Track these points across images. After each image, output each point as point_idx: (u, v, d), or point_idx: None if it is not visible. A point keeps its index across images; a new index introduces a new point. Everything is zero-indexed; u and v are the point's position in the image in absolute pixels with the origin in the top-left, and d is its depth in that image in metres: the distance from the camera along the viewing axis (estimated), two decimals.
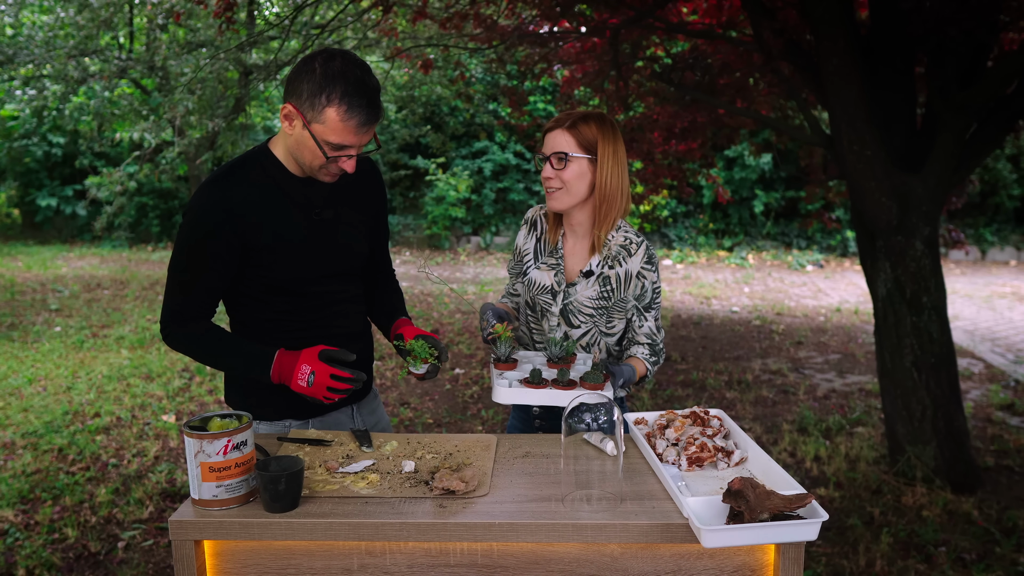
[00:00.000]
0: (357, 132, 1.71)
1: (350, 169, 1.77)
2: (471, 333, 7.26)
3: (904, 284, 3.83)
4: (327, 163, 1.76)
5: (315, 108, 1.69)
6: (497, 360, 2.03)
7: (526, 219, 2.29)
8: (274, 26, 5.90)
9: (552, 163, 2.07)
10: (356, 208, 1.98)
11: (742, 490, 1.41)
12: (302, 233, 1.86)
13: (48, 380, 5.74)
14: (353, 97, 1.68)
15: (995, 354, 6.71)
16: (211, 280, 1.84)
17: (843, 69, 3.60)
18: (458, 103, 12.24)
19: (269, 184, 1.84)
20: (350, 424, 2.08)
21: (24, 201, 13.86)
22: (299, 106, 1.71)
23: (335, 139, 1.71)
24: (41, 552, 3.30)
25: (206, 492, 1.52)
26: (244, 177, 1.83)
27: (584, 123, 2.06)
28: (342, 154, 1.75)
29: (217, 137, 8.73)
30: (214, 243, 1.78)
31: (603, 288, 2.11)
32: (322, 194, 1.90)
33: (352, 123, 1.69)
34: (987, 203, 12.40)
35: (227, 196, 1.79)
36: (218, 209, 1.78)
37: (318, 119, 1.70)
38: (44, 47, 8.05)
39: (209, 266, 1.81)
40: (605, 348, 2.18)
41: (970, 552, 3.29)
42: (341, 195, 1.93)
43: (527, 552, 1.51)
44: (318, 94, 1.68)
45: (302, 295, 1.92)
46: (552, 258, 2.18)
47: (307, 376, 1.78)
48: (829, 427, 4.76)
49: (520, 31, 5.20)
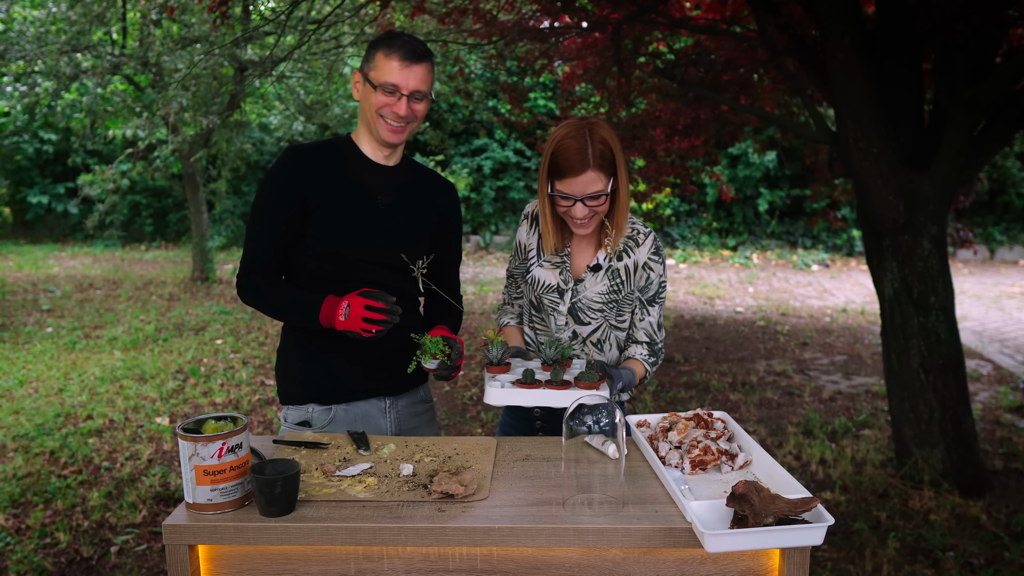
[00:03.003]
0: (400, 68, 1.90)
1: (402, 111, 1.92)
2: (470, 334, 7.22)
3: (911, 284, 3.80)
4: (382, 106, 1.92)
5: (369, 60, 1.94)
6: (490, 364, 1.97)
7: (526, 214, 2.20)
8: (270, 21, 5.85)
9: (585, 203, 1.94)
10: (420, 209, 2.06)
11: (746, 494, 1.39)
12: (357, 210, 1.97)
13: (39, 382, 5.69)
14: (394, 39, 1.92)
15: (1004, 355, 6.67)
16: (278, 233, 1.96)
17: (849, 65, 3.57)
18: (457, 100, 12.19)
19: (342, 160, 2.01)
20: (380, 419, 2.07)
21: (15, 199, 13.81)
22: (361, 69, 1.97)
23: (383, 78, 1.90)
24: (32, 557, 3.26)
25: (200, 496, 1.51)
26: (322, 150, 2.02)
27: (602, 144, 1.92)
28: (393, 97, 1.91)
29: (212, 134, 8.67)
30: (283, 199, 1.94)
31: (613, 281, 2.07)
32: (389, 183, 2.02)
33: (395, 58, 1.89)
34: (996, 201, 12.36)
35: (303, 159, 1.97)
36: (292, 168, 1.95)
37: (370, 68, 1.93)
38: (36, 42, 7.99)
39: (278, 219, 1.95)
40: (615, 343, 2.12)
41: (978, 557, 3.25)
42: (408, 192, 2.04)
43: (527, 557, 1.50)
44: (372, 49, 1.95)
45: (347, 273, 1.97)
46: (557, 256, 2.12)
47: (344, 310, 1.84)
48: (835, 430, 4.73)
49: (520, 26, 5.16)
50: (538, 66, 6.34)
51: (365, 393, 2.05)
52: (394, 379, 2.06)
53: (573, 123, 1.95)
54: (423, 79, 1.94)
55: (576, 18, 5.08)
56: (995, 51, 3.99)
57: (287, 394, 2.06)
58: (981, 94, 3.54)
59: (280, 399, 2.09)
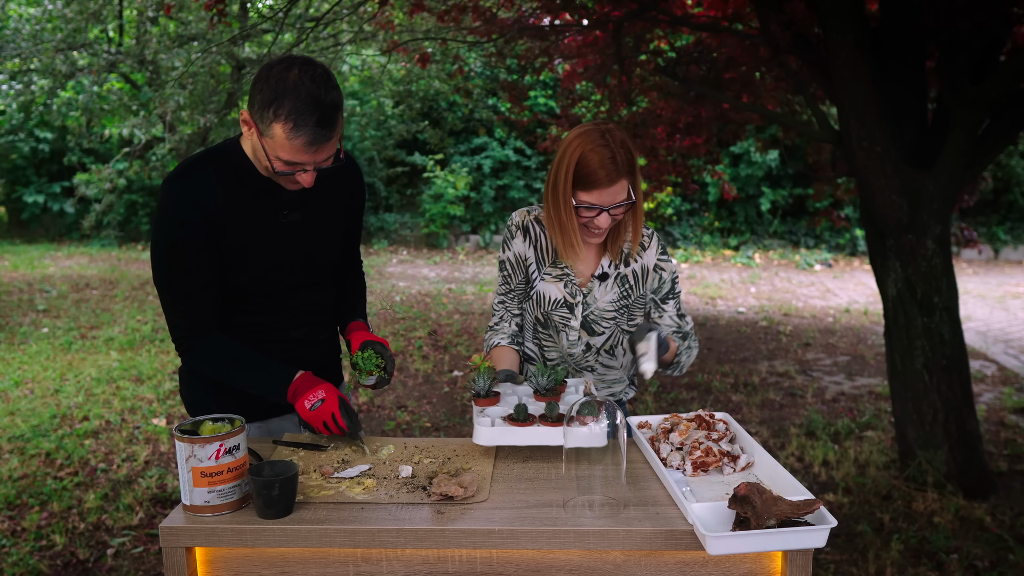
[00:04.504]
0: (306, 151, 1.62)
1: (307, 183, 1.69)
2: (470, 334, 7.19)
3: (915, 284, 3.78)
4: (279, 176, 1.69)
5: (264, 121, 1.61)
6: (476, 396, 1.82)
7: (517, 225, 2.06)
8: (267, 19, 5.83)
9: (611, 212, 1.87)
10: (328, 210, 1.88)
11: (748, 496, 1.39)
12: (267, 236, 1.79)
13: (35, 383, 5.65)
14: (301, 115, 1.58)
15: (1008, 356, 6.64)
16: (202, 281, 1.74)
17: (852, 63, 3.56)
18: (457, 98, 12.15)
19: (235, 182, 1.76)
20: (295, 431, 2.01)
21: (10, 198, 13.74)
22: (252, 115, 1.65)
23: (285, 156, 1.63)
24: (28, 560, 3.23)
25: (198, 498, 1.50)
26: (210, 173, 1.75)
27: (623, 149, 1.84)
28: (294, 170, 1.67)
29: (209, 133, 8.65)
30: (192, 240, 1.70)
31: (623, 288, 2.02)
32: (291, 195, 1.80)
33: (299, 142, 1.61)
34: (1000, 201, 12.30)
35: (195, 191, 1.71)
36: (188, 205, 1.70)
37: (267, 133, 1.62)
38: (31, 40, 7.97)
39: (196, 266, 1.72)
40: (628, 345, 2.09)
41: (983, 559, 3.23)
42: (312, 196, 1.82)
43: (527, 559, 1.49)
44: (267, 107, 1.60)
45: (261, 299, 1.84)
46: (556, 268, 2.04)
47: (317, 400, 1.74)
48: (838, 431, 4.70)
49: (520, 24, 5.15)
50: (538, 64, 6.32)
51: (280, 410, 1.95)
52: None
53: (592, 131, 1.86)
54: (333, 145, 1.67)
55: (577, 16, 5.05)
56: (999, 49, 3.98)
57: (197, 406, 1.88)
58: (985, 92, 3.52)
59: (188, 410, 1.92)
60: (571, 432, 1.52)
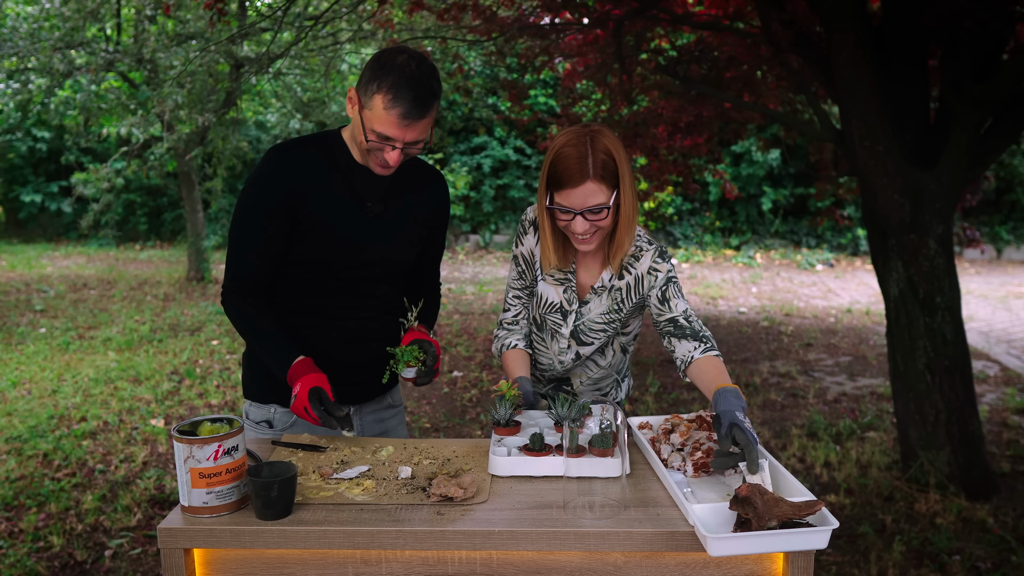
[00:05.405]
0: (399, 124, 1.73)
1: (392, 161, 1.79)
2: (469, 335, 7.17)
3: (917, 284, 3.77)
4: (373, 147, 1.79)
5: (367, 93, 1.74)
6: (496, 424, 1.79)
7: (531, 221, 2.02)
8: (266, 17, 5.80)
9: (586, 216, 1.81)
10: (409, 213, 1.96)
11: (750, 497, 1.39)
12: (346, 219, 1.87)
13: (33, 383, 5.65)
14: (401, 89, 1.71)
15: (1011, 356, 6.64)
16: (265, 247, 1.86)
17: (854, 62, 3.54)
18: (456, 97, 12.12)
19: (330, 164, 1.88)
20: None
21: (8, 198, 13.74)
22: (358, 90, 1.78)
23: (379, 127, 1.75)
24: (25, 561, 3.22)
25: (196, 499, 1.50)
26: (311, 152, 1.88)
27: (604, 154, 1.78)
28: (384, 146, 1.77)
29: (207, 132, 8.61)
30: (272, 206, 1.83)
31: (614, 301, 1.98)
32: (378, 188, 1.91)
33: (394, 113, 1.72)
34: (1003, 200, 12.30)
35: (292, 163, 1.84)
36: (282, 171, 1.83)
37: (368, 104, 1.74)
38: (29, 39, 7.93)
39: (267, 234, 1.84)
40: (619, 347, 2.06)
41: (985, 561, 3.22)
42: (398, 196, 1.93)
43: (528, 561, 1.49)
44: (372, 80, 1.73)
45: (323, 280, 1.91)
46: (561, 272, 2.01)
47: (294, 395, 1.79)
48: (839, 432, 4.69)
49: (520, 23, 5.14)
50: (538, 63, 6.31)
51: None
52: (362, 389, 2.01)
53: (574, 130, 1.82)
54: (423, 129, 1.78)
55: (577, 14, 5.04)
56: (1002, 48, 3.96)
57: (251, 389, 2.01)
58: (988, 92, 3.51)
59: (244, 393, 2.04)
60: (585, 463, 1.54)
